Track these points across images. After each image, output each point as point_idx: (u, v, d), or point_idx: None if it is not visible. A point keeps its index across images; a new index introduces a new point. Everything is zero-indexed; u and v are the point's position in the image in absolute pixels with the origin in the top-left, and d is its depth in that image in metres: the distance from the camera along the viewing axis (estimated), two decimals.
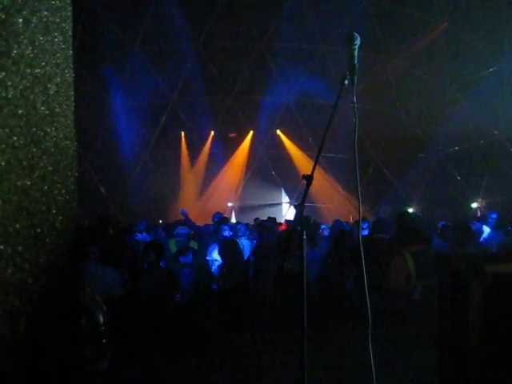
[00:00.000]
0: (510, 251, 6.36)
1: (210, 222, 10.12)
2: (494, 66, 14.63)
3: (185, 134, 18.32)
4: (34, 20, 1.37)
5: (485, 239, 8.42)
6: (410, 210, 16.94)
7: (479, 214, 14.94)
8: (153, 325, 4.88)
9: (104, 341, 2.21)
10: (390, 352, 4.38)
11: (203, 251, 7.61)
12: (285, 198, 19.19)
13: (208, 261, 7.28)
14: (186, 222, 9.33)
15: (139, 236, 9.26)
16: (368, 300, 2.71)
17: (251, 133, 18.41)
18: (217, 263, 7.16)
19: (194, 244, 7.80)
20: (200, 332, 4.98)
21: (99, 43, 15.74)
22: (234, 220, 16.44)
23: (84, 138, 14.91)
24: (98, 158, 17.12)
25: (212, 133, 18.31)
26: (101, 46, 15.87)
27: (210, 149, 18.39)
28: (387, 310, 5.30)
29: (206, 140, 18.39)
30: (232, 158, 18.50)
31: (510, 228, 8.87)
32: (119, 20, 15.78)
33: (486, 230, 8.84)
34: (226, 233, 8.43)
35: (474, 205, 16.23)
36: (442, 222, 8.91)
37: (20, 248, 1.24)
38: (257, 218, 12.41)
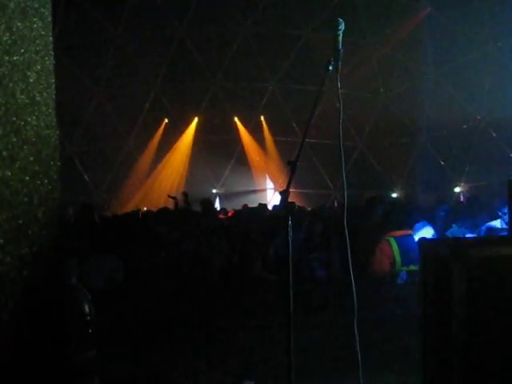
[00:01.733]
0: (493, 236, 6.44)
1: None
2: (477, 51, 14.68)
3: (168, 120, 18.18)
4: (10, 5, 1.33)
5: None
6: (394, 195, 17.09)
7: (462, 198, 15.10)
8: (142, 312, 4.88)
9: (90, 330, 2.20)
10: (374, 336, 4.42)
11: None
12: (269, 184, 19.19)
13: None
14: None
15: None
16: (353, 285, 2.73)
17: (235, 119, 18.34)
18: None
19: None
20: (188, 318, 5.00)
21: (82, 30, 15.51)
22: (218, 207, 16.41)
23: (67, 125, 14.74)
24: (81, 146, 16.96)
25: (196, 119, 18.20)
26: (83, 32, 15.63)
27: (194, 135, 18.28)
28: (372, 295, 5.35)
29: (189, 127, 18.28)
30: (216, 144, 18.40)
31: None
32: (102, 7, 15.54)
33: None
34: None
35: (457, 189, 16.39)
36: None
37: (1, 241, 1.22)
38: (245, 205, 12.44)
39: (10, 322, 1.26)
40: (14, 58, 1.33)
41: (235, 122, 18.37)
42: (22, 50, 1.37)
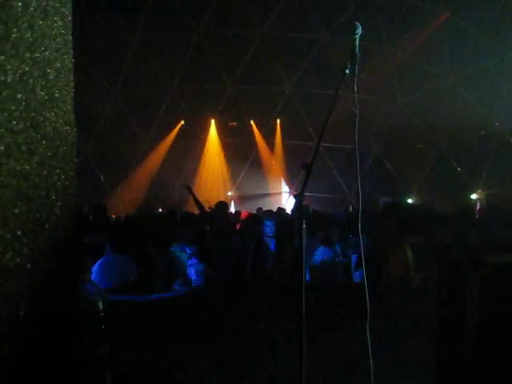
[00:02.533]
0: (507, 242, 6.37)
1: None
2: (495, 56, 14.57)
3: (184, 122, 18.28)
4: (33, 4, 1.36)
5: None
6: (410, 201, 16.98)
7: (478, 205, 14.96)
8: (154, 311, 4.90)
9: (103, 327, 2.22)
10: (388, 342, 4.40)
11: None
12: (284, 188, 19.18)
13: None
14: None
15: None
16: (367, 290, 2.72)
17: (251, 122, 18.37)
18: None
19: None
20: (201, 320, 5.00)
21: (100, 32, 15.68)
22: (233, 209, 16.44)
23: (84, 127, 14.91)
24: (97, 146, 17.12)
25: (212, 121, 18.27)
26: (101, 34, 15.80)
27: (211, 137, 18.37)
28: (386, 299, 5.32)
29: (206, 129, 18.35)
30: (232, 147, 18.46)
31: None
32: (120, 9, 15.71)
33: None
34: None
35: (474, 196, 16.24)
36: None
37: (19, 233, 1.24)
38: (260, 208, 12.42)
39: (26, 314, 1.28)
40: (35, 56, 1.36)
41: (251, 125, 18.40)
42: (43, 48, 1.39)
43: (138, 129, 17.68)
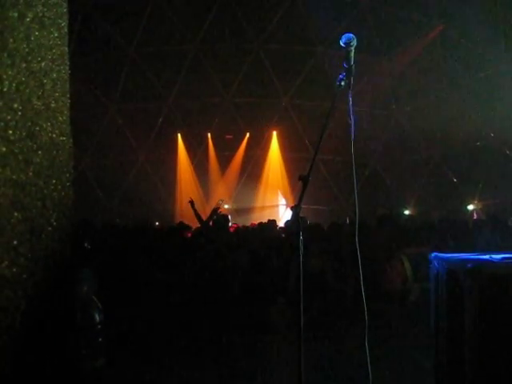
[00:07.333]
0: (504, 253, 6.36)
1: None
2: (490, 68, 14.66)
3: (181, 135, 18.29)
4: (29, 15, 1.37)
5: None
6: (406, 212, 16.97)
7: (475, 216, 14.95)
8: (151, 324, 4.87)
9: (100, 339, 2.20)
10: (386, 352, 4.38)
11: None
12: (281, 200, 19.15)
13: None
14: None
15: None
16: (364, 301, 2.71)
17: (247, 135, 18.39)
18: None
19: None
20: (199, 332, 4.98)
21: (96, 45, 15.76)
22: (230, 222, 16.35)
23: (80, 140, 14.90)
24: (94, 160, 17.11)
25: (209, 135, 18.29)
26: (98, 48, 15.88)
27: (209, 151, 18.40)
28: (384, 311, 5.30)
29: (202, 142, 18.37)
30: (229, 160, 18.48)
31: None
32: (116, 23, 15.80)
33: None
34: None
35: (470, 207, 16.24)
36: None
37: (15, 242, 1.23)
38: (256, 223, 12.34)
39: (22, 324, 1.27)
40: (32, 66, 1.37)
41: (247, 138, 18.42)
42: (39, 58, 1.40)
43: (135, 142, 17.69)
